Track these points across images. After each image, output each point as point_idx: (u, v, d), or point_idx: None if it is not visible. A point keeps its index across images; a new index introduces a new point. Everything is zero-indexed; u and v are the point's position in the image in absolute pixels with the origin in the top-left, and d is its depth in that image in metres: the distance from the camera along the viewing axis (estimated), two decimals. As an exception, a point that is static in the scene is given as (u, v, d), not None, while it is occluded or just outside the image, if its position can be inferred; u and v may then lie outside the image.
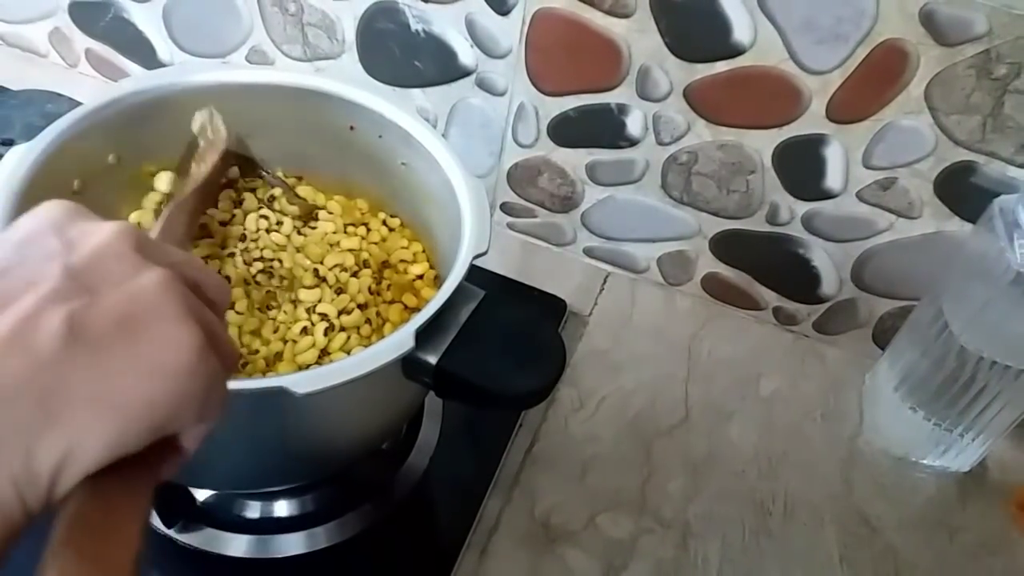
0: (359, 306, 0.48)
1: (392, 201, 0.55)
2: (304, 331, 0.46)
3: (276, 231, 0.51)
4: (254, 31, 0.69)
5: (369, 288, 0.49)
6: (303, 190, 0.54)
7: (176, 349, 0.25)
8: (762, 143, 0.59)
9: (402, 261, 0.53)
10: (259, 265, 0.49)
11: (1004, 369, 0.51)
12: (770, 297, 0.68)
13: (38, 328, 0.23)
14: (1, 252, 0.25)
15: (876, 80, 0.53)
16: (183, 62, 0.75)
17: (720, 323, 0.69)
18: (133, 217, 0.50)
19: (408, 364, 0.39)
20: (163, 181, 0.50)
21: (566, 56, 0.60)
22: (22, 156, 0.43)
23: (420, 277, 0.52)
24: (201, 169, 0.47)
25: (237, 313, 0.46)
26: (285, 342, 0.46)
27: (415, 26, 0.63)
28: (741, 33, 0.54)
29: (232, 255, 0.48)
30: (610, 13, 0.56)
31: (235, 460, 0.42)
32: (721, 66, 0.56)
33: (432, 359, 0.39)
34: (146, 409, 0.24)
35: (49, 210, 0.27)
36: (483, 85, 0.64)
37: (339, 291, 0.49)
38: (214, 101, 0.51)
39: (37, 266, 0.25)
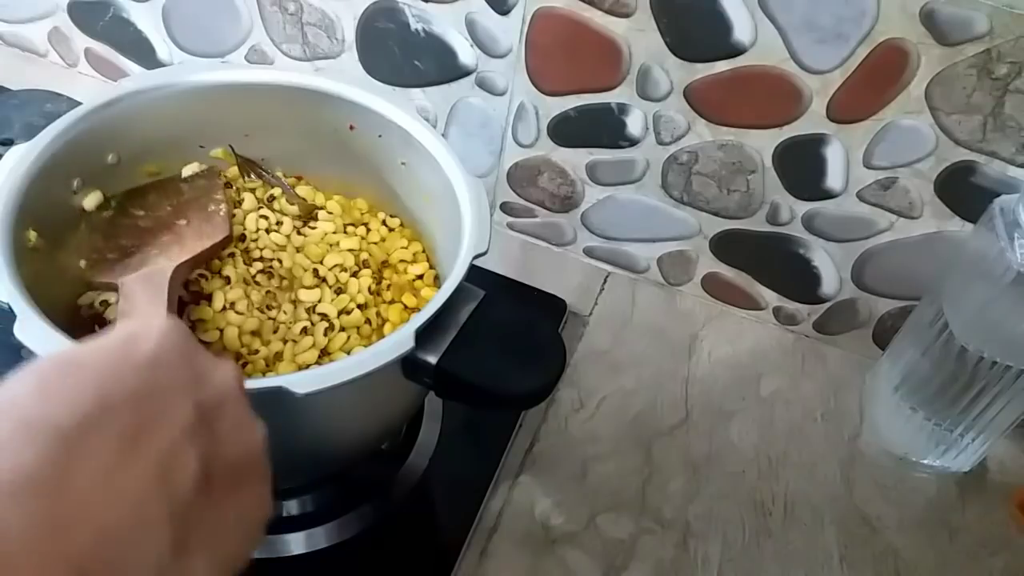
0: (359, 306, 0.48)
1: (392, 201, 0.55)
2: (304, 331, 0.46)
3: (276, 231, 0.51)
4: (253, 31, 0.69)
5: (369, 288, 0.49)
6: (303, 190, 0.54)
7: (262, 508, 0.27)
8: (762, 143, 0.59)
9: (402, 261, 0.53)
10: (259, 265, 0.49)
11: (1004, 369, 0.51)
12: (770, 297, 0.68)
13: (177, 468, 0.24)
14: (134, 373, 0.25)
15: (877, 80, 0.53)
16: (183, 62, 0.75)
17: (720, 323, 0.69)
18: None
19: (408, 364, 0.39)
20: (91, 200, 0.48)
21: (566, 56, 0.60)
22: (22, 156, 0.43)
23: (420, 277, 0.52)
24: (200, 244, 0.47)
25: (237, 313, 0.46)
26: (285, 342, 0.46)
27: (415, 25, 0.63)
28: (741, 33, 0.54)
29: (232, 255, 0.48)
30: (610, 13, 0.56)
31: (235, 460, 0.42)
32: (721, 66, 0.56)
33: (432, 359, 0.39)
34: (232, 563, 0.26)
35: (170, 334, 0.27)
36: (483, 85, 0.64)
37: (339, 291, 0.49)
38: (214, 101, 0.51)
39: (171, 397, 0.25)
